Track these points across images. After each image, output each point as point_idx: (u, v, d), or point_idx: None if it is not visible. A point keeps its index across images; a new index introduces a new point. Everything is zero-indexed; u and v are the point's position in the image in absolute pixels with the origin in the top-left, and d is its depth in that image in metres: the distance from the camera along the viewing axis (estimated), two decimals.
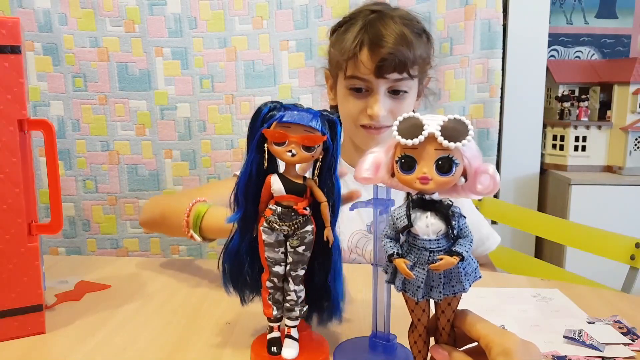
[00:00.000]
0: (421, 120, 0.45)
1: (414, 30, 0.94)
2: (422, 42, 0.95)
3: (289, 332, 0.58)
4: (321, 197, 0.56)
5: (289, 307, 0.57)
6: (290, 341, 0.58)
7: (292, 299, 0.57)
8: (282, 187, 0.55)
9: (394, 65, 0.90)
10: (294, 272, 0.57)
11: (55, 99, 1.39)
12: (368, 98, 0.95)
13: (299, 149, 0.53)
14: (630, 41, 2.15)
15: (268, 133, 0.53)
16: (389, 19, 0.93)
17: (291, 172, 0.56)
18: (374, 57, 0.91)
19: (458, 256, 0.45)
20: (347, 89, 0.97)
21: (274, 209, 0.55)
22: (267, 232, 0.56)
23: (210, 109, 1.45)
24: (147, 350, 0.63)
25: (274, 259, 0.56)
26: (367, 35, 0.92)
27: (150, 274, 0.91)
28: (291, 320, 0.58)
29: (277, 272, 0.57)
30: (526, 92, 1.81)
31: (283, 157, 0.54)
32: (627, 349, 0.63)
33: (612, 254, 1.08)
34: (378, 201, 0.58)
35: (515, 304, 0.77)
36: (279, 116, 0.54)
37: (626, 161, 1.83)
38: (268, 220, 0.56)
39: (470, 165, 0.46)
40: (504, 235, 1.85)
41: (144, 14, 1.39)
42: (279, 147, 0.53)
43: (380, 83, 0.93)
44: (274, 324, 0.59)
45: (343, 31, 0.98)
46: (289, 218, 0.55)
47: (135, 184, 1.45)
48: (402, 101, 0.96)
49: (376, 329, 0.61)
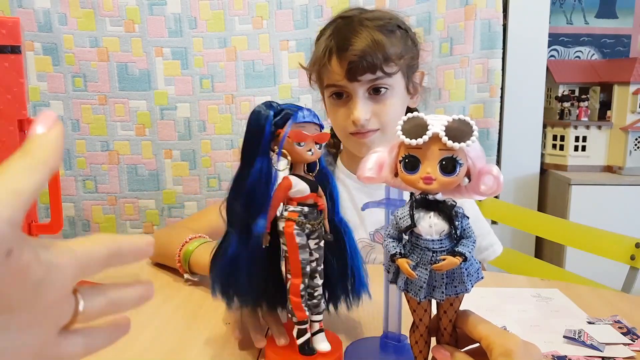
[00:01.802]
0: (425, 120, 0.45)
1: (386, 28, 0.92)
2: (395, 38, 0.93)
3: (321, 326, 0.58)
4: (320, 192, 0.57)
5: (316, 303, 0.57)
6: (322, 335, 0.57)
7: (320, 293, 0.57)
8: (307, 187, 0.54)
9: (363, 66, 0.89)
10: (320, 267, 0.57)
11: (55, 99, 1.39)
12: (349, 104, 0.94)
13: (315, 147, 0.54)
14: (630, 41, 2.15)
15: (295, 134, 0.53)
16: (356, 22, 0.92)
17: (301, 171, 0.56)
18: (343, 63, 0.90)
19: (461, 256, 0.45)
20: (330, 99, 0.97)
21: (300, 209, 0.54)
22: (300, 234, 0.54)
23: (210, 109, 1.45)
24: (147, 350, 0.63)
25: (306, 260, 0.55)
26: (333, 42, 0.92)
27: (150, 274, 0.91)
28: (319, 315, 0.58)
29: (307, 273, 0.56)
30: (526, 92, 1.81)
31: (304, 157, 0.54)
32: (627, 349, 0.63)
33: (612, 254, 1.08)
34: (390, 201, 0.58)
35: (516, 304, 0.77)
36: (294, 116, 0.54)
37: (626, 161, 1.83)
38: (299, 222, 0.54)
39: (474, 166, 0.46)
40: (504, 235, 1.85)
41: (144, 14, 1.39)
42: (300, 148, 0.54)
43: (355, 87, 0.92)
44: (305, 325, 0.57)
45: (317, 43, 0.98)
46: (314, 216, 0.55)
47: (135, 184, 1.45)
48: (384, 101, 0.94)
49: (387, 330, 0.61)
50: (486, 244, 1.08)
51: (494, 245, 1.10)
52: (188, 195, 1.47)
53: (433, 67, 1.51)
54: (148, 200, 1.46)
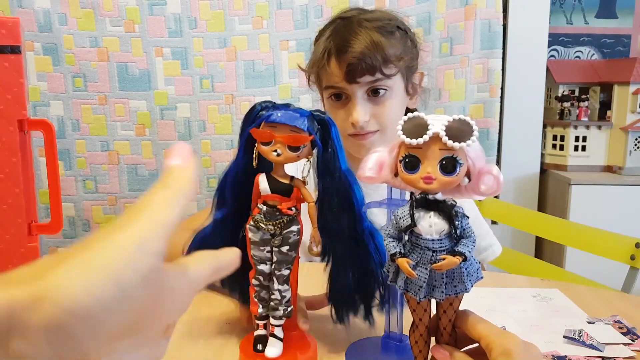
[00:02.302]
0: (426, 120, 0.45)
1: (385, 29, 0.91)
2: (394, 39, 0.92)
3: (272, 331, 0.58)
4: (308, 198, 0.56)
5: (273, 306, 0.58)
6: (274, 340, 0.58)
7: (276, 298, 0.57)
8: (267, 187, 0.55)
9: (362, 68, 0.88)
10: (278, 272, 0.57)
11: (55, 99, 1.39)
12: (348, 106, 0.94)
13: (284, 149, 0.53)
14: (630, 41, 2.15)
15: (255, 132, 0.54)
16: (356, 24, 0.91)
17: (279, 171, 0.56)
18: (342, 64, 0.90)
19: (461, 256, 0.45)
20: (328, 100, 0.96)
21: (261, 207, 0.56)
22: (253, 230, 0.56)
23: (210, 109, 1.45)
24: None
25: (259, 257, 0.57)
26: (332, 43, 0.91)
27: None
28: (275, 319, 0.58)
29: (262, 271, 0.57)
30: (526, 92, 1.81)
31: (269, 157, 0.54)
32: (627, 349, 0.63)
33: (612, 254, 1.08)
34: (392, 201, 0.58)
35: (515, 304, 0.77)
36: (266, 115, 0.54)
37: (626, 161, 1.83)
38: (254, 219, 0.56)
39: (474, 166, 0.46)
40: (504, 235, 1.85)
41: (144, 14, 1.39)
42: (266, 147, 0.54)
43: (354, 88, 0.91)
44: (260, 321, 0.59)
45: (316, 44, 0.97)
46: (274, 217, 0.55)
47: (135, 184, 1.45)
48: (384, 102, 0.93)
49: (389, 330, 0.61)
50: (485, 245, 1.08)
51: (493, 246, 1.10)
52: None
53: (433, 67, 1.51)
54: None
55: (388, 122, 0.93)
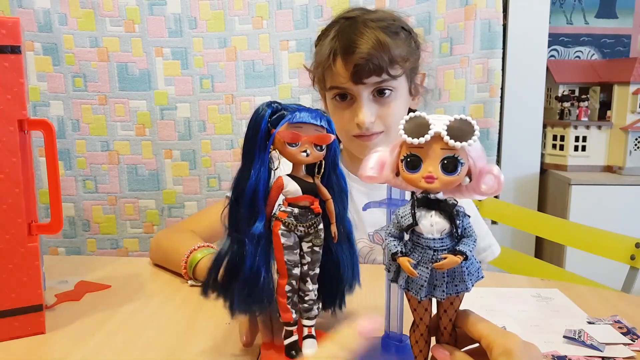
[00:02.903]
0: (427, 119, 0.45)
1: (390, 30, 0.91)
2: (400, 40, 0.92)
3: (310, 332, 0.57)
4: (326, 195, 0.56)
5: (307, 307, 0.57)
6: (312, 340, 0.57)
7: (311, 298, 0.57)
8: (298, 188, 0.54)
9: (369, 69, 0.88)
10: (312, 272, 0.56)
11: (55, 99, 1.39)
12: (353, 107, 0.93)
13: (312, 149, 0.53)
14: (630, 41, 2.15)
15: (284, 134, 0.52)
16: (360, 24, 0.91)
17: (300, 172, 0.55)
18: (348, 65, 0.89)
19: (462, 255, 0.45)
20: (332, 100, 0.96)
21: (290, 210, 0.54)
22: (286, 235, 0.54)
23: (210, 109, 1.45)
24: (147, 350, 0.63)
25: (293, 262, 0.55)
26: (338, 44, 0.90)
27: (150, 274, 0.91)
28: (310, 320, 0.57)
29: (296, 275, 0.56)
30: (526, 92, 1.81)
31: (297, 158, 0.53)
32: (627, 349, 0.63)
33: (612, 254, 1.08)
34: (392, 201, 0.58)
35: (515, 304, 0.77)
36: (290, 117, 0.53)
37: (626, 161, 1.83)
38: (285, 223, 0.54)
39: (475, 165, 0.46)
40: (504, 235, 1.85)
41: (144, 14, 1.39)
42: (293, 148, 0.53)
43: (360, 89, 0.91)
44: (292, 327, 0.57)
45: (319, 44, 0.96)
46: (305, 219, 0.55)
47: (135, 184, 1.45)
48: (389, 103, 0.93)
49: (389, 330, 0.61)
50: (484, 245, 1.08)
51: (492, 247, 1.10)
52: (188, 195, 1.47)
53: (433, 67, 1.51)
54: (148, 200, 1.46)
55: (393, 123, 0.93)
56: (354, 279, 0.62)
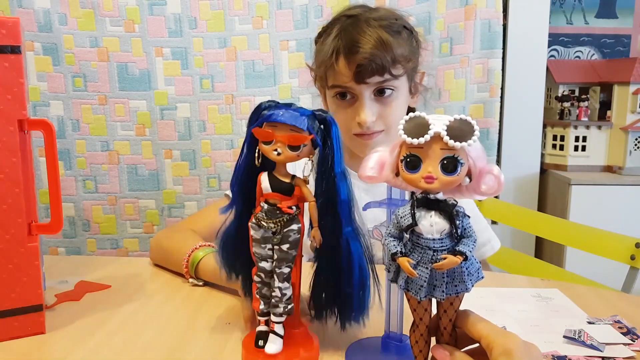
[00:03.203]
0: (427, 119, 0.45)
1: (392, 29, 0.91)
2: (402, 39, 0.92)
3: (273, 328, 0.58)
4: (309, 197, 0.56)
5: (274, 304, 0.58)
6: (274, 337, 0.58)
7: (277, 295, 0.58)
8: (268, 185, 0.56)
9: (372, 69, 0.88)
10: (279, 270, 0.57)
11: (55, 99, 1.39)
12: (355, 105, 0.94)
13: (285, 148, 0.54)
14: (630, 41, 2.15)
15: (256, 132, 0.55)
16: (363, 22, 0.90)
17: (281, 170, 0.57)
18: (351, 65, 0.89)
19: (461, 256, 0.45)
20: (333, 99, 0.96)
21: (263, 206, 0.57)
22: (255, 228, 0.57)
23: (210, 109, 1.45)
24: (147, 350, 0.63)
25: (260, 255, 0.58)
26: (341, 43, 0.90)
27: (150, 274, 0.91)
28: (276, 316, 0.58)
29: (263, 268, 0.58)
30: (526, 92, 1.81)
31: (270, 156, 0.55)
32: (627, 349, 0.63)
33: (612, 254, 1.08)
34: (392, 201, 0.58)
35: (515, 304, 0.77)
36: (267, 115, 0.55)
37: (626, 161, 1.83)
38: (256, 217, 0.57)
39: (475, 166, 0.46)
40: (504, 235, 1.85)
41: (144, 14, 1.39)
42: (267, 146, 0.55)
43: (362, 88, 0.91)
44: (261, 317, 0.60)
45: (321, 42, 0.96)
46: (274, 216, 0.56)
47: (135, 184, 1.45)
48: (390, 102, 0.94)
49: (389, 330, 0.61)
50: (484, 240, 1.08)
51: (491, 241, 1.10)
52: (188, 195, 1.47)
53: (433, 67, 1.51)
54: (148, 200, 1.46)
55: (393, 122, 0.93)
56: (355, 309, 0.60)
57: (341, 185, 0.56)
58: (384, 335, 0.61)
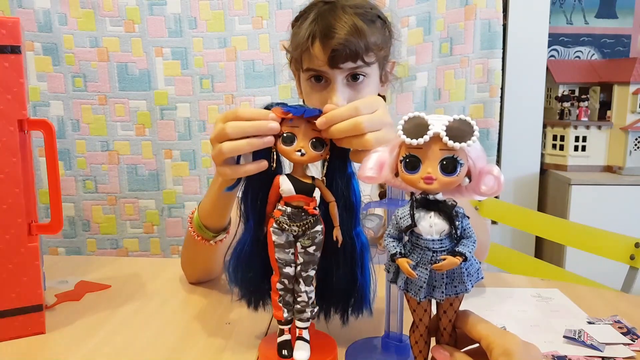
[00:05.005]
0: (426, 120, 0.45)
1: (367, 17, 0.92)
2: (375, 28, 0.94)
3: (301, 334, 0.57)
4: (329, 197, 0.56)
5: (300, 309, 0.57)
6: (302, 343, 0.57)
7: (304, 300, 0.56)
8: (292, 188, 0.54)
9: (346, 55, 0.90)
10: (305, 273, 0.56)
11: (55, 99, 1.39)
12: (328, 89, 0.95)
13: (309, 148, 0.53)
14: (630, 41, 2.15)
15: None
16: (339, 9, 0.92)
17: (299, 172, 0.55)
18: (326, 49, 0.90)
19: (461, 256, 0.45)
20: (308, 81, 0.98)
21: (284, 209, 0.55)
22: (278, 233, 0.55)
23: (210, 109, 1.45)
24: (147, 350, 0.63)
25: (284, 260, 0.56)
26: (317, 27, 0.91)
27: (150, 274, 0.91)
28: (302, 322, 0.57)
29: (287, 274, 0.56)
30: (526, 92, 1.81)
31: (292, 157, 0.54)
32: (627, 349, 0.63)
33: (612, 254, 1.08)
34: (392, 201, 0.58)
35: (515, 304, 0.77)
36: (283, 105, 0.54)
37: (626, 161, 1.83)
38: (278, 221, 0.55)
39: (475, 166, 0.46)
40: (504, 235, 1.85)
41: (143, 14, 1.39)
42: (288, 147, 0.53)
43: (336, 73, 0.93)
44: (284, 326, 0.57)
45: (298, 25, 0.98)
46: (299, 218, 0.55)
47: (135, 184, 1.45)
48: (362, 89, 0.95)
49: (389, 330, 0.61)
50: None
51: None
52: (188, 195, 1.47)
53: (433, 67, 1.51)
54: (148, 200, 1.46)
55: None
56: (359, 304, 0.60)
57: (354, 185, 0.56)
58: (384, 335, 0.61)
